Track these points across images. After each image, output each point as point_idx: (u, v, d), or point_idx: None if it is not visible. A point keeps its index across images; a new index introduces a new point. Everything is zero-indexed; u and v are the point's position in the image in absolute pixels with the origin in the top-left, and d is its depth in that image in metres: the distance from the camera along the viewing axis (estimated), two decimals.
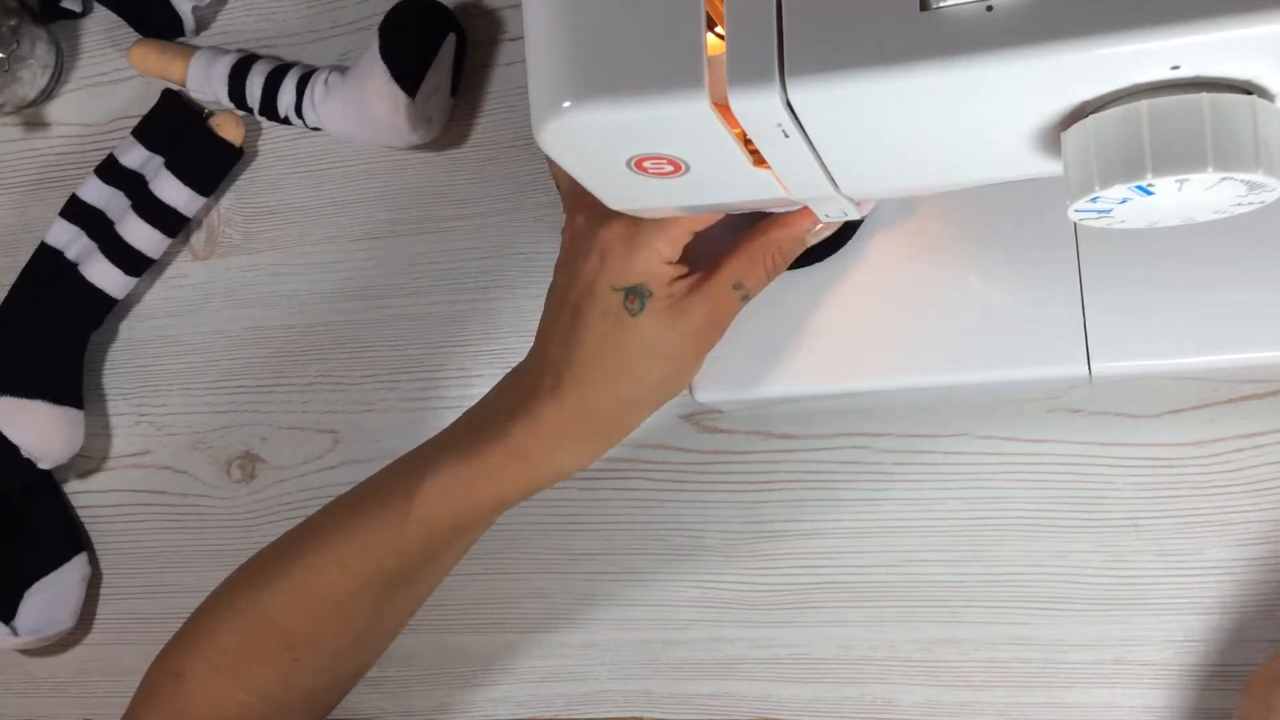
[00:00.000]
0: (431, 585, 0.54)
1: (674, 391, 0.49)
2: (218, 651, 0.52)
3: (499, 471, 0.48)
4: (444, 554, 0.52)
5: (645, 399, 0.48)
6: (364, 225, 0.69)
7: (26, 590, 0.71)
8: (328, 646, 0.52)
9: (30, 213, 0.75)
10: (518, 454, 0.48)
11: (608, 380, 0.47)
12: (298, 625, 0.51)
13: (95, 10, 0.75)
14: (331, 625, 0.52)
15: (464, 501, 0.49)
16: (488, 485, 0.49)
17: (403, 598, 0.53)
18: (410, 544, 0.50)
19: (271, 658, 0.51)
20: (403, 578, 0.51)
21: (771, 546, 0.62)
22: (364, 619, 0.52)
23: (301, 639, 0.51)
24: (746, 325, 0.52)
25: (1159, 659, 0.56)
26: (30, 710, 0.75)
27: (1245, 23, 0.28)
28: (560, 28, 0.34)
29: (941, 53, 0.30)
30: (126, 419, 0.74)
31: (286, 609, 0.51)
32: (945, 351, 0.50)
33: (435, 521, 0.49)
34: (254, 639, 0.52)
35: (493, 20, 0.67)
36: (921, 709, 0.59)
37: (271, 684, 0.52)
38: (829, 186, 0.38)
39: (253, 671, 0.52)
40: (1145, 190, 0.31)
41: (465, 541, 0.52)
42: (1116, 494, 0.57)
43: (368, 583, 0.51)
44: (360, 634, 0.53)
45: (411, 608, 0.54)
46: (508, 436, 0.48)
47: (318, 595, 0.51)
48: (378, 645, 0.55)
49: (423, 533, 0.49)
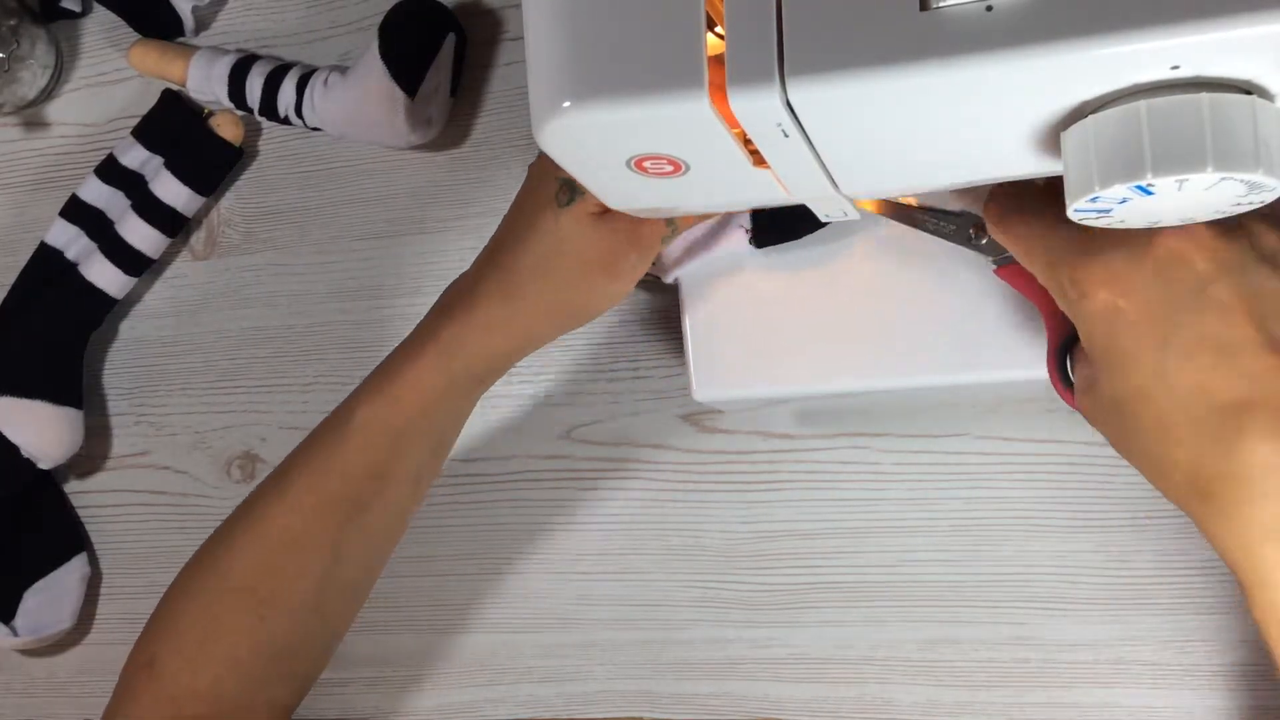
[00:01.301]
0: (388, 520, 0.52)
1: (584, 304, 0.49)
2: (184, 628, 0.51)
3: (420, 364, 0.49)
4: (390, 472, 0.51)
5: (557, 300, 0.49)
6: (363, 225, 0.69)
7: (26, 590, 0.71)
8: (291, 598, 0.51)
9: (30, 213, 0.75)
10: (441, 343, 0.49)
11: (528, 265, 0.48)
12: (257, 580, 0.50)
13: (95, 10, 0.75)
14: (290, 572, 0.51)
15: (392, 403, 0.49)
16: (413, 379, 0.49)
17: (359, 534, 0.51)
18: (351, 462, 0.50)
19: (237, 621, 0.50)
20: (354, 505, 0.50)
21: (771, 546, 0.62)
22: (322, 560, 0.51)
23: (263, 594, 0.50)
24: (746, 325, 0.52)
25: (1159, 659, 0.56)
26: (30, 710, 0.75)
27: (1245, 23, 0.28)
28: (560, 28, 0.34)
29: (941, 53, 0.30)
30: (126, 419, 0.74)
31: (244, 565, 0.51)
32: (945, 351, 0.50)
33: (369, 430, 0.50)
34: (217, 606, 0.51)
35: (493, 20, 0.67)
36: (921, 709, 0.59)
37: (240, 650, 0.51)
38: (829, 186, 0.38)
39: (220, 640, 0.51)
40: (1145, 190, 0.31)
41: (408, 458, 0.51)
42: (1116, 494, 0.57)
43: (318, 514, 0.50)
44: (321, 580, 0.51)
45: (372, 548, 0.53)
46: (431, 329, 0.50)
47: (273, 541, 0.50)
48: (344, 596, 0.53)
49: (360, 444, 0.50)
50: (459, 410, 0.52)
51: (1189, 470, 0.36)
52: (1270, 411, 0.35)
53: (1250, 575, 0.36)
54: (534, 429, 0.66)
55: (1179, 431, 0.36)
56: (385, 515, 0.52)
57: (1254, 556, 0.35)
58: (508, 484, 0.66)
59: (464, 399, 0.52)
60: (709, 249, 0.52)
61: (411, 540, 0.67)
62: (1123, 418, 0.38)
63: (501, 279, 0.50)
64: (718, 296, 0.53)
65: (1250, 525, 0.35)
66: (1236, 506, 0.35)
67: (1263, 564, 0.35)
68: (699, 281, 0.53)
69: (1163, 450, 0.37)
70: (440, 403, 0.50)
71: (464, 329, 0.50)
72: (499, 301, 0.49)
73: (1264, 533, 0.35)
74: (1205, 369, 0.36)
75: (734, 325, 0.52)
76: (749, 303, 0.52)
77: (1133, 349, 0.37)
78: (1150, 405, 0.37)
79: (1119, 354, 0.37)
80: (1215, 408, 0.35)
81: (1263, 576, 0.35)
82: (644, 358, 0.64)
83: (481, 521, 0.66)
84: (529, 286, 0.49)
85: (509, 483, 0.66)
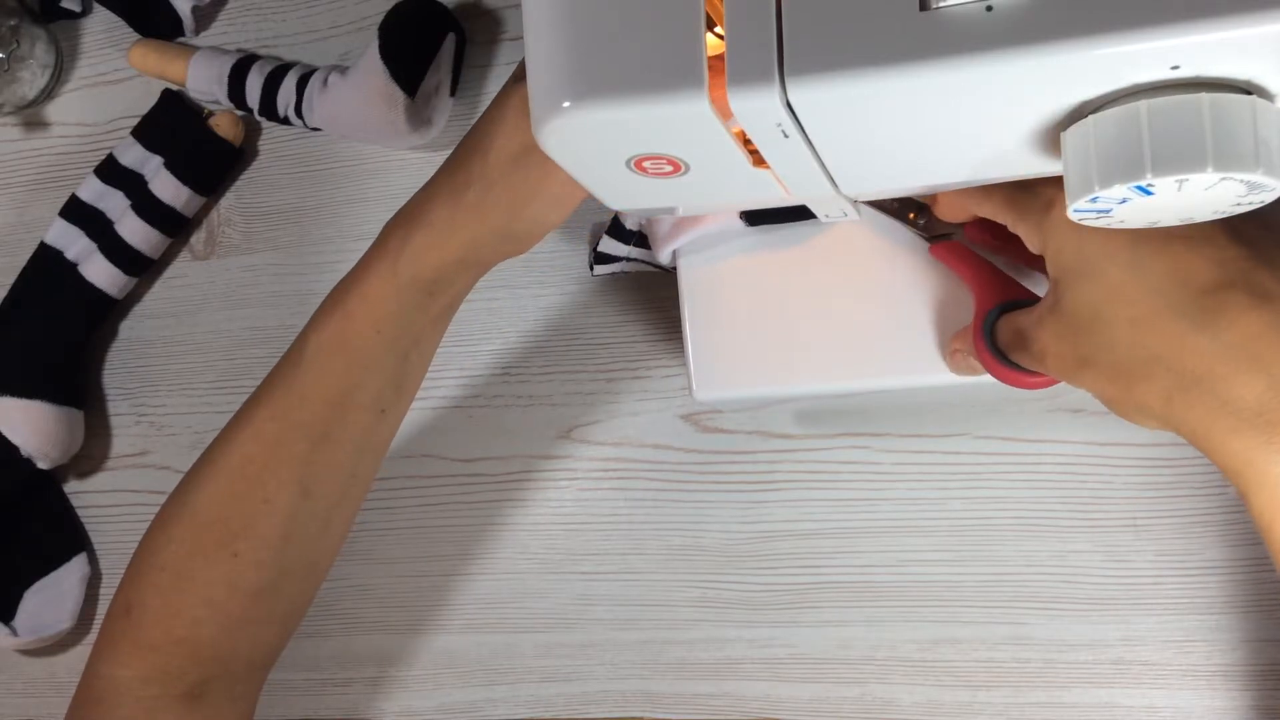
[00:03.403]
0: (354, 453, 0.51)
1: (523, 206, 0.48)
2: (158, 570, 0.51)
3: (368, 273, 0.49)
4: (350, 398, 0.50)
5: (497, 199, 0.48)
6: (364, 225, 0.69)
7: (26, 590, 0.71)
8: (261, 529, 0.50)
9: (30, 213, 0.75)
10: (388, 250, 0.49)
11: (472, 158, 0.48)
12: (227, 514, 0.50)
13: (95, 10, 0.75)
14: (257, 500, 0.50)
15: (343, 318, 0.49)
16: (360, 290, 0.49)
17: (325, 465, 0.50)
18: (309, 385, 0.49)
19: (210, 559, 0.50)
20: (316, 433, 0.50)
21: (771, 546, 0.62)
22: (288, 491, 0.50)
23: (235, 528, 0.50)
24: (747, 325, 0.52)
25: (1159, 659, 0.56)
26: (30, 710, 0.75)
27: (1245, 23, 0.28)
28: (560, 28, 0.34)
29: (941, 53, 0.30)
30: (126, 419, 0.74)
31: (213, 500, 0.50)
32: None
33: (323, 350, 0.49)
34: (190, 544, 0.50)
35: (493, 20, 0.67)
36: (921, 709, 0.59)
37: (217, 589, 0.50)
38: (829, 186, 0.38)
39: (195, 579, 0.50)
40: (1145, 190, 0.31)
41: (367, 383, 0.50)
42: (1116, 494, 0.57)
43: (280, 442, 0.50)
44: (290, 511, 0.50)
45: (339, 481, 0.51)
46: (380, 240, 0.50)
47: (238, 472, 0.50)
48: (317, 531, 0.52)
49: (316, 367, 0.49)
50: (414, 327, 0.50)
51: (1171, 362, 0.36)
52: (1244, 290, 0.36)
53: (1246, 471, 0.35)
54: (534, 429, 0.66)
55: (1159, 322, 0.36)
56: (350, 447, 0.51)
57: (1245, 445, 0.35)
58: (508, 484, 0.66)
59: (417, 312, 0.50)
60: (700, 224, 0.52)
61: (412, 540, 0.67)
62: (1095, 326, 0.38)
63: (450, 172, 0.49)
64: (718, 297, 0.53)
65: (1240, 407, 0.35)
66: (1225, 384, 0.35)
67: (1255, 457, 0.35)
68: (699, 281, 0.53)
69: (1142, 348, 0.37)
70: (392, 317, 0.49)
71: (408, 231, 0.49)
72: (444, 196, 0.49)
73: (1252, 413, 0.35)
74: (1179, 256, 0.36)
75: (734, 325, 0.52)
76: (749, 303, 0.52)
77: (1105, 249, 0.37)
78: (1126, 302, 0.37)
79: (1091, 259, 0.38)
80: (1193, 291, 0.36)
81: (1260, 471, 0.35)
82: (644, 358, 0.64)
83: (481, 521, 0.66)
84: (472, 182, 0.48)
85: (509, 483, 0.66)
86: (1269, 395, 0.35)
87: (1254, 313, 0.35)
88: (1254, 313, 0.35)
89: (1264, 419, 0.35)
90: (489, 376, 0.66)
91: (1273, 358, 0.35)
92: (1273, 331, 0.35)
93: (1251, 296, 0.35)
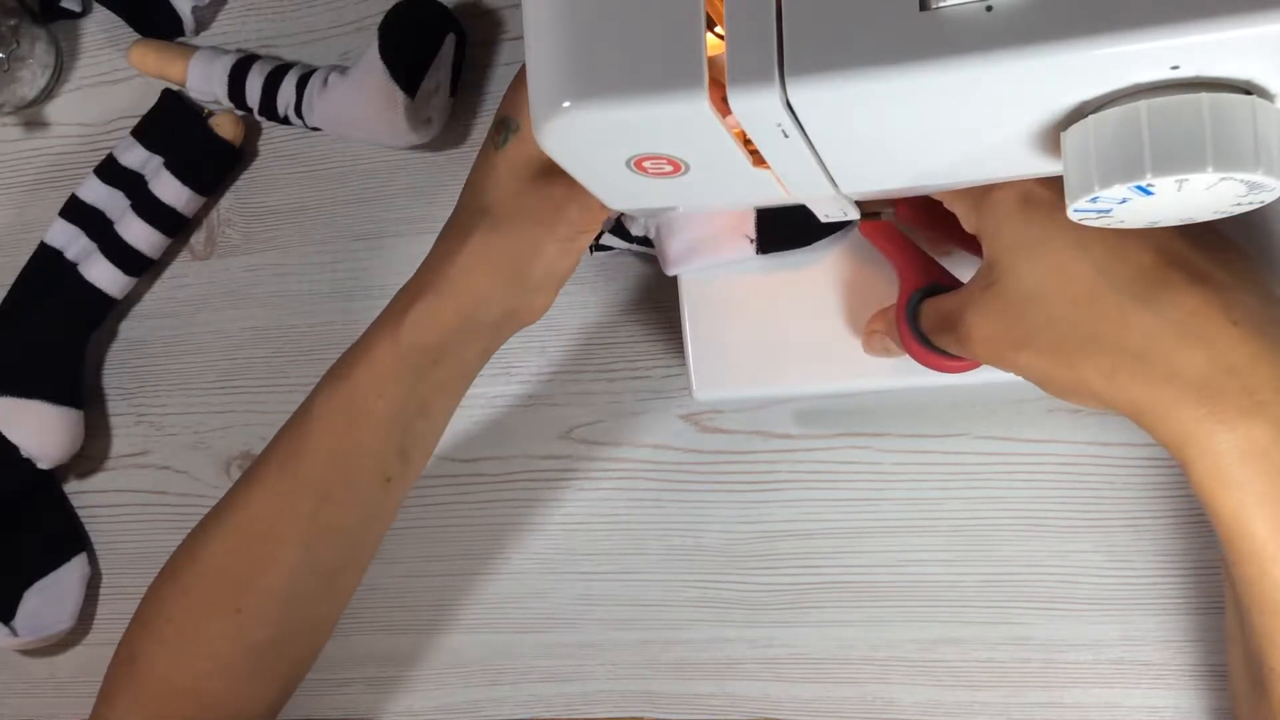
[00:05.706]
0: (359, 520, 0.51)
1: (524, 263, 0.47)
2: (164, 622, 0.51)
3: (372, 337, 0.49)
4: (354, 461, 0.49)
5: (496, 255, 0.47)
6: (363, 225, 0.69)
7: (26, 590, 0.71)
8: (265, 587, 0.50)
9: (30, 213, 0.75)
10: (392, 313, 0.49)
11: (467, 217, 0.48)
12: (234, 569, 0.50)
13: (95, 10, 0.75)
14: (262, 559, 0.50)
15: (348, 382, 0.49)
16: (365, 354, 0.49)
17: (328, 529, 0.50)
18: (314, 445, 0.49)
19: (216, 614, 0.50)
20: (320, 494, 0.49)
21: (771, 546, 0.62)
22: (293, 551, 0.50)
23: (241, 584, 0.50)
24: (747, 325, 0.52)
25: (1159, 659, 0.56)
26: (30, 710, 0.75)
27: (1245, 23, 0.28)
28: (560, 28, 0.34)
29: (941, 53, 0.30)
30: (126, 419, 0.74)
31: (222, 555, 0.50)
32: None
33: (330, 411, 0.49)
34: (196, 598, 0.50)
35: (493, 20, 0.67)
36: (921, 709, 0.59)
37: (221, 644, 0.50)
38: (829, 186, 0.38)
39: (200, 634, 0.50)
40: (1145, 190, 0.31)
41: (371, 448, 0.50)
42: (1117, 494, 0.57)
43: (287, 500, 0.49)
44: (294, 571, 0.50)
45: (343, 547, 0.51)
46: (389, 305, 0.49)
47: (246, 529, 0.50)
48: (321, 593, 0.52)
49: (321, 427, 0.49)
50: (418, 396, 0.49)
51: (1114, 339, 0.36)
52: (1183, 269, 0.36)
53: (1188, 444, 0.36)
54: (534, 429, 0.66)
55: (1101, 300, 0.37)
56: (354, 511, 0.51)
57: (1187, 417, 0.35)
58: (508, 484, 0.66)
59: (421, 380, 0.49)
60: (713, 253, 0.52)
61: (412, 540, 0.67)
62: (1034, 305, 0.38)
63: (446, 236, 0.49)
64: (718, 297, 0.53)
65: (1182, 381, 0.35)
66: (1167, 359, 0.36)
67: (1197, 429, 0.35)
68: (699, 282, 0.53)
69: (1084, 325, 0.37)
70: (394, 381, 0.48)
71: (410, 295, 0.49)
72: (442, 258, 0.48)
73: (1193, 386, 0.35)
74: (1120, 236, 0.37)
75: (734, 325, 0.52)
76: (749, 303, 0.52)
77: (1047, 229, 0.38)
78: (1067, 280, 0.37)
79: (1033, 238, 0.38)
80: (1134, 270, 0.37)
81: (1201, 442, 0.35)
82: (644, 358, 0.64)
83: (482, 521, 0.66)
84: (470, 240, 0.47)
85: (509, 483, 0.66)
86: (1210, 368, 0.35)
87: (1193, 289, 0.36)
88: (1193, 289, 0.36)
89: (1205, 392, 0.35)
90: (489, 376, 0.66)
91: (1213, 333, 0.36)
92: (1210, 308, 0.36)
93: (1190, 275, 0.36)
